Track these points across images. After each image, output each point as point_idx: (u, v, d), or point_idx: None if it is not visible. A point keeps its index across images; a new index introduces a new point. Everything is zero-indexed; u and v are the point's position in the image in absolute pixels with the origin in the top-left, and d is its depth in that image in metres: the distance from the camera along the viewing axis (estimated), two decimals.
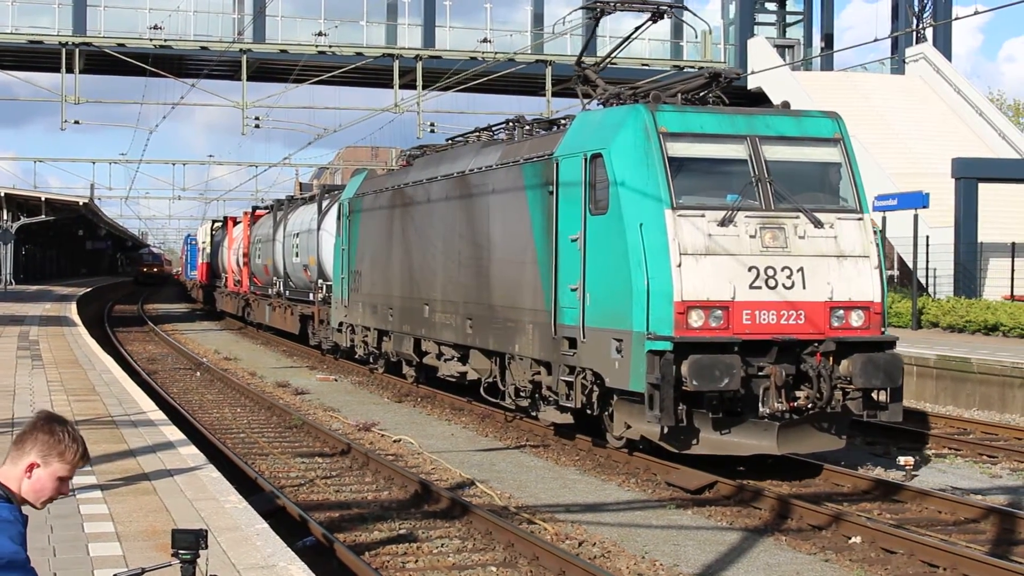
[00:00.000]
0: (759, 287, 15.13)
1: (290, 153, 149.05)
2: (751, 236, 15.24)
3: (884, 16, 59.48)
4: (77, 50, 44.81)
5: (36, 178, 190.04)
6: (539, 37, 47.47)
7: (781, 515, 13.78)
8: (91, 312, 55.23)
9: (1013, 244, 38.76)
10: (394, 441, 19.29)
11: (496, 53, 44.78)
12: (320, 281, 34.63)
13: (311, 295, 36.25)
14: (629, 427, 16.03)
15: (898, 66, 54.31)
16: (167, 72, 46.31)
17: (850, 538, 12.74)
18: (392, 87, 46.62)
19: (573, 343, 16.71)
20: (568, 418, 17.83)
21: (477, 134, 23.00)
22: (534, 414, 19.04)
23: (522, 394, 18.94)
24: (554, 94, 47.17)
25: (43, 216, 61.88)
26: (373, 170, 29.64)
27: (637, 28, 18.59)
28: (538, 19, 49.98)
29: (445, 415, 22.56)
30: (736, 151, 15.84)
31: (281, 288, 41.27)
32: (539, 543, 11.83)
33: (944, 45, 53.99)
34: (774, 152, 15.90)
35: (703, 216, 15.20)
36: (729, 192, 15.62)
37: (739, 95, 46.77)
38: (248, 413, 23.29)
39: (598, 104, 18.53)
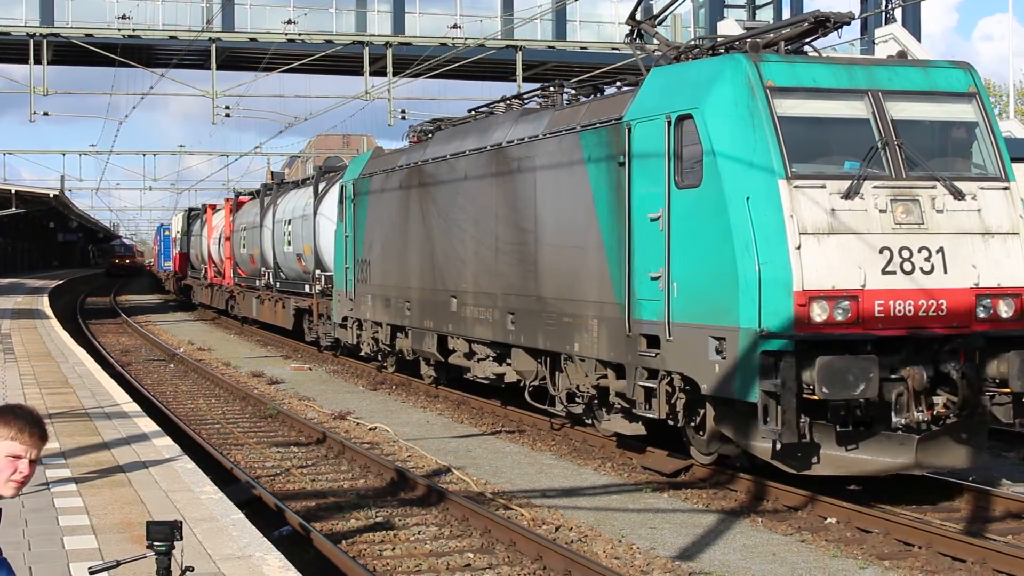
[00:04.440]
0: (892, 272, 12.70)
1: (261, 142, 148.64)
2: (881, 211, 12.83)
3: None
4: (45, 41, 44.51)
5: (8, 170, 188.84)
6: (509, 22, 47.39)
7: (757, 497, 13.81)
8: (63, 304, 54.99)
9: None
10: (370, 429, 19.27)
11: (466, 39, 44.69)
12: (318, 272, 31.89)
13: (307, 287, 33.44)
14: (726, 441, 13.88)
15: (867, 47, 54.44)
16: (136, 62, 46.03)
17: (825, 518, 12.79)
18: (362, 74, 46.49)
19: (654, 342, 14.17)
20: (639, 428, 15.56)
21: (507, 102, 20.50)
22: (589, 422, 16.77)
23: (577, 399, 16.54)
24: (524, 79, 47.09)
25: (13, 209, 61.41)
26: (380, 147, 26.32)
27: None
28: (508, 4, 49.88)
29: (420, 402, 22.53)
30: (856, 109, 13.44)
31: (271, 279, 38.58)
32: (516, 529, 11.84)
33: (913, 25, 54.13)
34: (900, 110, 13.48)
35: (824, 187, 12.79)
36: (847, 158, 13.26)
37: None
38: (223, 403, 23.23)
39: (663, 63, 15.52)
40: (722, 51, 14.50)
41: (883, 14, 53.84)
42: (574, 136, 16.14)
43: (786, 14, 57.41)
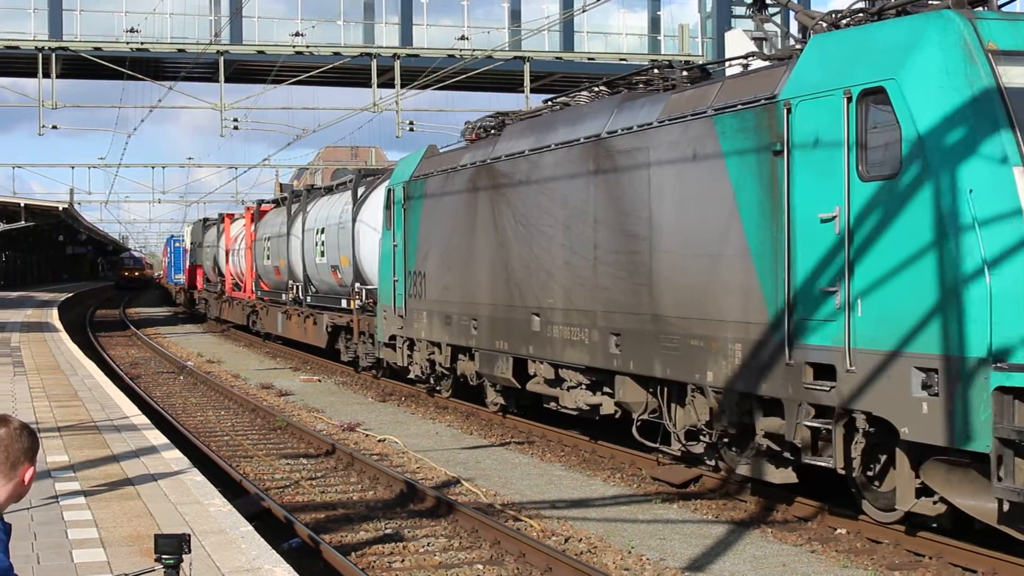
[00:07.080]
0: None
1: (270, 154, 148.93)
2: None
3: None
4: (54, 55, 44.66)
5: (18, 183, 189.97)
6: (517, 34, 47.46)
7: (767, 508, 13.78)
8: (73, 317, 55.09)
9: None
10: (379, 441, 19.26)
11: (474, 50, 44.77)
12: (357, 285, 29.08)
13: (344, 302, 30.58)
14: (921, 496, 11.25)
15: None
16: (145, 75, 46.17)
17: (836, 529, 12.75)
18: (370, 86, 46.60)
19: (826, 372, 11.68)
20: (789, 475, 13.01)
21: (593, 89, 17.92)
22: (711, 463, 14.62)
23: (703, 438, 14.25)
24: (532, 91, 47.17)
25: (23, 222, 61.57)
26: (434, 146, 23.75)
27: None
28: (515, 16, 49.97)
29: (429, 414, 22.53)
30: None
31: (299, 293, 35.74)
32: (525, 540, 11.81)
33: None
34: None
35: None
36: None
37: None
38: (232, 416, 23.24)
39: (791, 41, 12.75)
40: (891, 14, 11.77)
41: None
42: (705, 121, 13.52)
43: (793, 25, 57.36)
